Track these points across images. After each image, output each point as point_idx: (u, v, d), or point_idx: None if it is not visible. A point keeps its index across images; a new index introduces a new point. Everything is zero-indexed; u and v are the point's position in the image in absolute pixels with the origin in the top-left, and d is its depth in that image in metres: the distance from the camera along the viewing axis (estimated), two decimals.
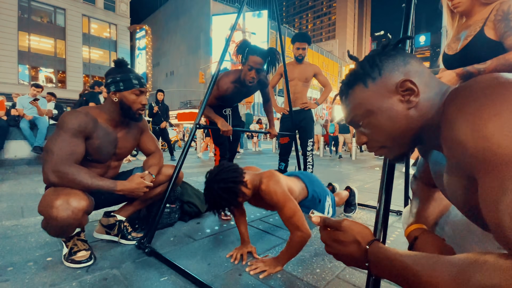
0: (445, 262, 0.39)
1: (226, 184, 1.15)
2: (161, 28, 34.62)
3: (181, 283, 1.12)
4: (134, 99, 1.33)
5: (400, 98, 0.54)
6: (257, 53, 1.73)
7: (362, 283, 1.16)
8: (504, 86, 0.41)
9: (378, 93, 0.56)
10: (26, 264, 1.23)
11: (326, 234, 0.57)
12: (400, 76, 0.55)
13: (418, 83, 0.54)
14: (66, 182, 1.13)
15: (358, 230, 0.54)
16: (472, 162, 0.42)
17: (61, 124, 1.20)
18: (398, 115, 0.55)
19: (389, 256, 0.47)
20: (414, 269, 0.42)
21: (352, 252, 0.53)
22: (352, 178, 4.07)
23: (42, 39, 18.88)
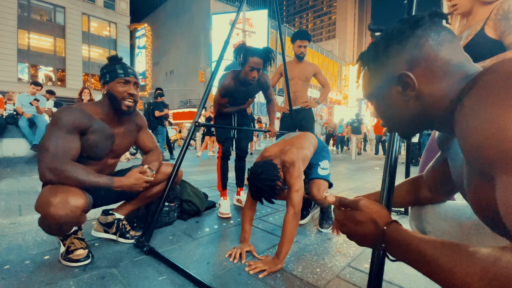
0: (467, 253, 0.38)
1: (266, 182, 1.31)
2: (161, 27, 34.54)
3: (180, 282, 1.11)
4: (119, 89, 1.29)
5: (399, 89, 0.54)
6: (256, 54, 1.81)
7: (362, 283, 1.15)
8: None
9: (381, 82, 0.57)
10: (23, 263, 1.22)
11: (342, 213, 0.56)
12: (403, 66, 0.52)
13: (423, 73, 0.51)
14: (63, 179, 1.12)
15: (376, 210, 0.52)
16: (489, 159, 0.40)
17: (55, 121, 1.19)
18: (397, 104, 0.55)
19: (408, 238, 0.45)
20: (433, 256, 0.41)
21: (368, 232, 0.51)
22: (352, 178, 4.06)
23: (42, 37, 18.81)
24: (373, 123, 12.73)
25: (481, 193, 0.48)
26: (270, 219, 1.97)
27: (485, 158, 0.40)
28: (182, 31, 31.21)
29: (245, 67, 1.84)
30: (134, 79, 1.34)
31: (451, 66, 0.50)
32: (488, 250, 0.36)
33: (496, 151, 0.38)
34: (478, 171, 0.47)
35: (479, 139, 0.40)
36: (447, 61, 0.50)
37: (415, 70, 0.51)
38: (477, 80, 0.44)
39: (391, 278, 1.17)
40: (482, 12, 1.24)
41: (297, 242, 1.56)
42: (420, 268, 0.43)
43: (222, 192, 2.14)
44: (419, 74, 0.51)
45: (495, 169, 0.39)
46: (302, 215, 1.94)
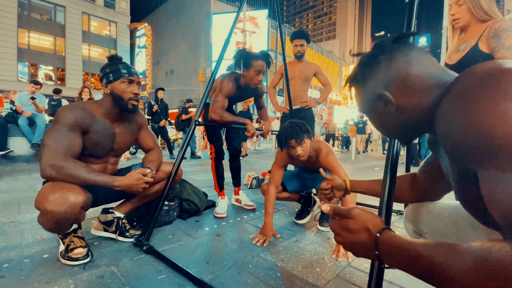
0: (462, 250, 0.38)
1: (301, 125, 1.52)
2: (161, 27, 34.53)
3: (179, 281, 1.10)
4: (124, 88, 1.30)
5: (382, 105, 0.60)
6: (260, 57, 1.82)
7: (362, 282, 1.14)
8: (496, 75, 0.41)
9: (366, 98, 0.64)
10: (22, 261, 1.21)
11: (336, 223, 0.56)
12: (381, 86, 0.59)
13: (398, 90, 0.57)
14: (63, 176, 1.11)
15: (368, 218, 0.53)
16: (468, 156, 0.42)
17: (57, 119, 1.19)
18: (386, 117, 0.62)
19: (401, 244, 0.46)
20: (428, 258, 0.41)
21: (362, 241, 0.52)
22: (352, 178, 4.05)
23: (42, 36, 18.79)
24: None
25: (467, 190, 0.51)
26: None
27: (464, 156, 0.43)
28: (183, 30, 31.21)
29: (250, 72, 1.83)
30: (137, 78, 1.35)
31: (422, 79, 0.56)
32: (479, 244, 0.38)
33: (473, 147, 0.40)
34: (461, 169, 0.49)
35: (457, 138, 0.43)
36: (418, 76, 0.56)
37: (390, 88, 0.58)
38: (452, 85, 0.49)
39: (391, 278, 1.17)
40: (477, 29, 1.40)
41: (297, 242, 1.56)
42: (416, 271, 0.43)
43: (220, 192, 2.14)
44: (395, 91, 0.57)
45: (475, 165, 0.42)
46: (303, 214, 1.94)
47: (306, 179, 1.93)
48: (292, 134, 1.48)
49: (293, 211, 2.16)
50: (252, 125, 1.88)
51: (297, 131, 1.48)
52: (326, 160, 1.58)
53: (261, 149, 10.07)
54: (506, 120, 0.37)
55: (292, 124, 1.51)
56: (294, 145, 1.50)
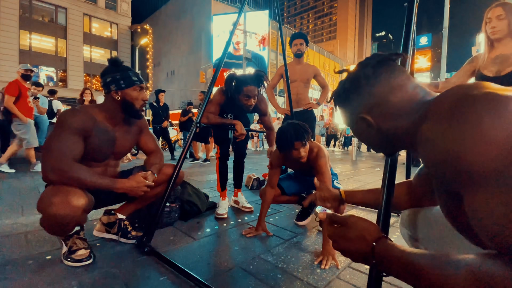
0: (455, 261, 0.39)
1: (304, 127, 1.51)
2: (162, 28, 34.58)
3: (181, 282, 1.11)
4: (136, 95, 1.34)
5: (364, 126, 0.62)
6: (250, 83, 1.80)
7: (362, 284, 1.15)
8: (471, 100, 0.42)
9: (349, 115, 0.66)
10: (25, 263, 1.22)
11: (333, 230, 0.57)
12: (363, 109, 0.61)
13: (378, 115, 0.59)
14: (65, 180, 1.12)
15: (365, 226, 0.53)
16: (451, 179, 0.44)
17: (60, 123, 1.20)
18: (368, 135, 0.64)
19: (396, 254, 0.47)
20: (423, 268, 0.42)
21: (358, 249, 0.52)
22: (352, 179, 4.06)
23: (43, 38, 18.87)
24: None
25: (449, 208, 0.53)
26: (270, 220, 1.98)
27: (447, 179, 0.44)
28: (183, 32, 31.26)
29: (240, 97, 1.83)
30: (145, 85, 1.40)
31: (402, 104, 0.57)
32: (472, 256, 0.39)
33: (454, 171, 0.42)
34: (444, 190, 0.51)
35: (439, 162, 0.44)
36: (398, 102, 0.57)
37: (372, 112, 0.60)
38: (429, 110, 0.50)
39: (391, 280, 1.17)
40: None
41: (297, 243, 1.57)
42: (411, 280, 0.44)
43: (222, 192, 2.15)
44: (376, 115, 0.59)
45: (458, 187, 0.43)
46: (303, 215, 1.95)
47: (305, 180, 1.94)
48: (297, 136, 1.46)
49: (294, 213, 2.17)
50: (240, 125, 1.88)
51: (301, 133, 1.47)
52: (316, 161, 1.58)
53: (262, 150, 10.07)
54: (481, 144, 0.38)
55: (295, 125, 1.50)
56: (298, 147, 1.49)
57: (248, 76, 1.83)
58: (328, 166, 1.59)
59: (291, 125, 1.50)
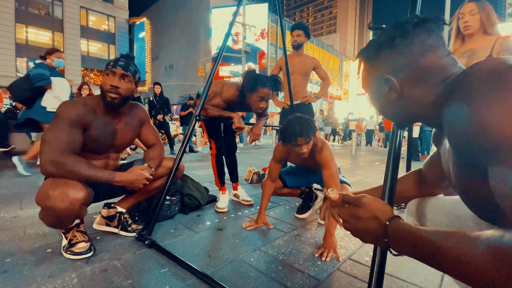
0: (473, 237, 0.38)
1: (310, 122, 1.46)
2: (160, 21, 34.19)
3: (182, 274, 1.11)
4: (105, 80, 1.27)
5: (386, 89, 0.60)
6: (267, 85, 1.77)
7: (363, 275, 1.15)
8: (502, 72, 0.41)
9: (372, 78, 0.64)
10: (24, 256, 1.22)
11: (345, 210, 0.57)
12: (390, 70, 0.59)
13: (405, 78, 0.57)
14: (64, 172, 1.11)
15: (378, 206, 0.53)
16: (481, 151, 0.42)
17: (58, 114, 1.18)
18: (387, 101, 0.62)
19: (411, 231, 0.46)
20: (438, 244, 0.41)
21: (371, 228, 0.52)
22: (352, 173, 4.07)
23: (40, 31, 18.62)
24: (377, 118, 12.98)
25: (470, 184, 0.52)
26: (271, 213, 1.98)
27: (474, 152, 0.43)
28: (182, 25, 30.92)
29: (253, 96, 1.79)
30: (121, 70, 1.27)
31: (431, 72, 0.55)
32: (491, 231, 0.38)
33: (483, 144, 0.40)
34: (468, 164, 0.49)
35: (467, 134, 0.43)
36: (428, 68, 0.56)
37: (399, 74, 0.58)
38: (459, 82, 0.48)
39: (391, 271, 1.18)
40: (483, 40, 1.60)
41: (298, 235, 1.57)
42: (425, 258, 0.43)
43: (221, 187, 2.14)
44: (402, 78, 0.58)
45: (485, 161, 0.42)
46: (304, 208, 1.95)
47: (307, 174, 1.93)
48: (302, 132, 1.41)
49: (294, 206, 2.17)
50: (238, 118, 1.84)
51: (307, 129, 1.41)
52: (321, 155, 1.55)
53: (261, 144, 10.07)
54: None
55: (301, 120, 1.44)
56: (301, 143, 1.43)
57: (267, 78, 1.80)
58: (334, 160, 1.56)
59: (297, 119, 1.45)
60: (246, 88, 1.78)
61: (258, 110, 1.86)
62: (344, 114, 14.98)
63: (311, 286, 1.07)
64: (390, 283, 1.10)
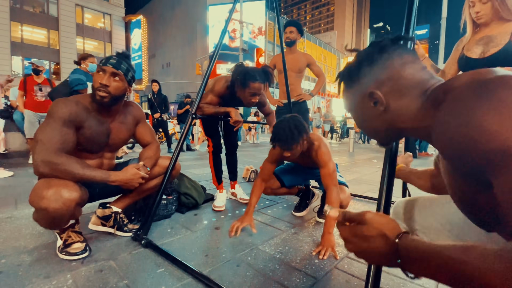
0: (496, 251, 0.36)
1: (299, 124, 1.41)
2: (156, 19, 33.91)
3: (178, 274, 1.11)
4: (95, 78, 1.25)
5: (371, 104, 0.60)
6: (258, 79, 1.71)
7: (360, 273, 1.15)
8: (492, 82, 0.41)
9: (356, 96, 0.63)
10: (19, 256, 1.21)
11: (347, 229, 0.52)
12: (373, 84, 0.59)
13: (389, 91, 0.57)
14: (57, 172, 1.10)
15: (384, 222, 0.48)
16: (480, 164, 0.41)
17: (51, 113, 1.16)
18: (372, 117, 0.62)
19: (427, 249, 0.42)
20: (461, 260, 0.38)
21: (378, 248, 0.47)
22: (349, 170, 4.07)
23: (35, 29, 18.44)
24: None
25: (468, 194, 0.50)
26: (268, 211, 1.98)
27: (474, 164, 0.42)
28: (178, 23, 30.71)
29: (245, 91, 1.74)
30: (111, 68, 1.24)
31: (413, 83, 0.56)
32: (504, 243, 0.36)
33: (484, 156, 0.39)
34: (466, 174, 0.47)
35: (466, 144, 0.41)
36: (410, 79, 0.56)
37: (383, 88, 0.58)
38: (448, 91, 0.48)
39: (388, 269, 1.18)
40: (500, 27, 1.50)
41: (295, 234, 1.56)
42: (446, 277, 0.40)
43: (218, 186, 2.13)
44: (386, 92, 0.58)
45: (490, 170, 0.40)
46: (301, 207, 1.95)
47: (304, 173, 1.93)
48: (293, 139, 1.37)
49: (291, 204, 2.17)
50: (235, 112, 1.82)
51: (296, 136, 1.37)
52: (317, 154, 1.52)
53: (259, 143, 10.06)
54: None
55: (291, 125, 1.38)
56: (287, 154, 1.42)
57: (257, 71, 1.74)
58: (331, 158, 1.53)
59: (287, 124, 1.39)
60: (237, 84, 1.75)
61: (251, 104, 1.84)
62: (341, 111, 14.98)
63: (308, 284, 1.07)
64: (387, 280, 1.10)
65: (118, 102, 1.33)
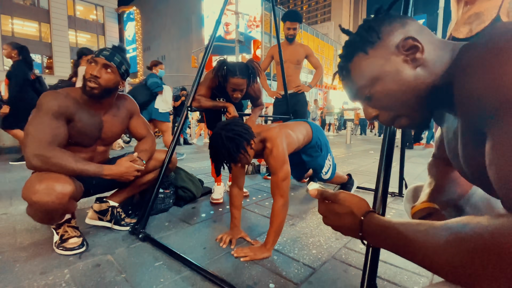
0: (438, 226, 0.38)
1: (233, 134, 1.14)
2: (150, 10, 33.22)
3: (177, 267, 1.11)
4: (87, 69, 1.21)
5: (404, 58, 0.54)
6: (237, 74, 1.63)
7: (357, 263, 1.16)
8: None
9: (380, 58, 0.55)
10: (15, 252, 1.20)
11: (324, 206, 0.58)
12: (400, 36, 0.54)
13: (421, 40, 0.53)
14: (49, 166, 1.07)
15: (354, 202, 0.54)
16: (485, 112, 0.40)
17: (40, 106, 1.13)
18: (405, 76, 0.54)
19: (383, 225, 0.47)
20: (407, 236, 0.41)
21: (347, 223, 0.53)
22: (346, 162, 4.08)
23: (26, 22, 18.00)
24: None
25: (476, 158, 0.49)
26: (266, 203, 1.98)
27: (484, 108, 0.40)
28: (173, 14, 30.15)
29: (227, 87, 1.70)
30: (103, 60, 1.21)
31: (436, 37, 0.54)
32: (457, 219, 0.37)
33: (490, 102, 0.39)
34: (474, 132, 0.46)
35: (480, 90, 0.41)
36: (431, 33, 0.55)
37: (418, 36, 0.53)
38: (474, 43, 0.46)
39: (385, 258, 1.19)
40: (488, 2, 1.41)
41: (293, 225, 1.57)
42: (398, 250, 0.44)
43: (216, 178, 2.13)
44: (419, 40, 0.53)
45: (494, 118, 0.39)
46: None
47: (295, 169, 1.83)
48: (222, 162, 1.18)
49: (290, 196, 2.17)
50: (233, 108, 1.80)
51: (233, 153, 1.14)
52: (269, 159, 1.28)
53: None
54: None
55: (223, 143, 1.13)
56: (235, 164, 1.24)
57: (238, 66, 1.66)
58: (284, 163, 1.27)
59: (220, 139, 1.14)
60: (219, 79, 1.69)
61: (234, 100, 1.79)
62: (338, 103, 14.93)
63: (306, 274, 1.07)
64: (384, 269, 1.11)
65: (110, 95, 1.30)
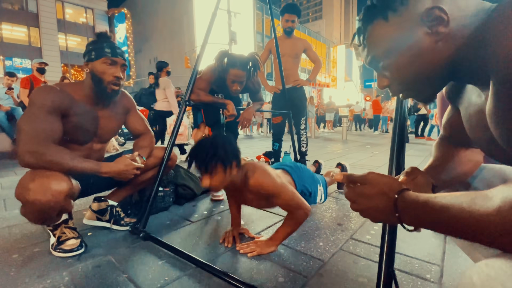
0: (485, 195, 0.35)
1: (221, 144, 1.01)
2: (141, 12, 32.86)
3: (181, 265, 1.06)
4: (104, 69, 1.17)
5: (427, 31, 0.48)
6: (238, 66, 1.62)
7: (366, 254, 1.13)
8: None
9: (401, 27, 0.50)
10: (10, 257, 1.14)
11: (351, 190, 0.53)
12: (427, 2, 0.48)
13: (450, 9, 0.46)
14: (44, 163, 1.02)
15: (385, 181, 0.49)
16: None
17: (33, 101, 1.07)
18: (424, 50, 0.49)
19: (421, 201, 0.42)
20: (452, 208, 0.37)
21: (380, 205, 0.48)
22: (345, 157, 4.08)
23: (15, 27, 17.63)
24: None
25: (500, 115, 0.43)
26: None
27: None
28: (164, 15, 29.89)
29: (227, 78, 1.68)
30: (122, 60, 1.22)
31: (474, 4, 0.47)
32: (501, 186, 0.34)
33: None
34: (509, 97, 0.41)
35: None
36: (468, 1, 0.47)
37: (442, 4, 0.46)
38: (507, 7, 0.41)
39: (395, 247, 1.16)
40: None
41: None
42: (441, 226, 0.39)
43: None
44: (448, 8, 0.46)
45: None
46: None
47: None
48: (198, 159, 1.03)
49: None
50: (232, 105, 1.77)
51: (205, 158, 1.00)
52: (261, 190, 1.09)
53: (252, 135, 10.02)
54: None
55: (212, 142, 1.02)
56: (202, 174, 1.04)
57: (239, 58, 1.66)
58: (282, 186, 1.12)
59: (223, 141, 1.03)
60: (219, 70, 1.68)
61: (233, 93, 1.77)
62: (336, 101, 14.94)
63: (316, 267, 1.04)
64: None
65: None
